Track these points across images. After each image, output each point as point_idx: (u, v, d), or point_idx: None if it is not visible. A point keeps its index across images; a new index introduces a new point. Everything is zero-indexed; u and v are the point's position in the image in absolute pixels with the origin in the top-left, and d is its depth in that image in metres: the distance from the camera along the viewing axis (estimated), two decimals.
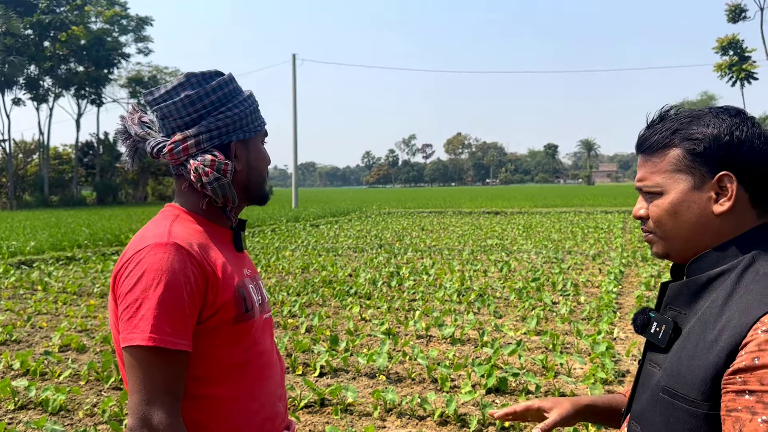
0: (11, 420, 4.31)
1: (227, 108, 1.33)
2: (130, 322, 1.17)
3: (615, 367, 5.08)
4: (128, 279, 1.19)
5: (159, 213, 1.39)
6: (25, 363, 5.35)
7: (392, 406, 4.39)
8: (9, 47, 45.86)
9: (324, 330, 6.41)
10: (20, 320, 7.26)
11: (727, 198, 1.03)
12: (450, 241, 15.63)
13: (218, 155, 1.30)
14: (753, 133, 1.04)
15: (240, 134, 1.35)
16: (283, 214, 26.58)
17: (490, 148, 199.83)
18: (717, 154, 1.04)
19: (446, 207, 32.41)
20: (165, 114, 1.33)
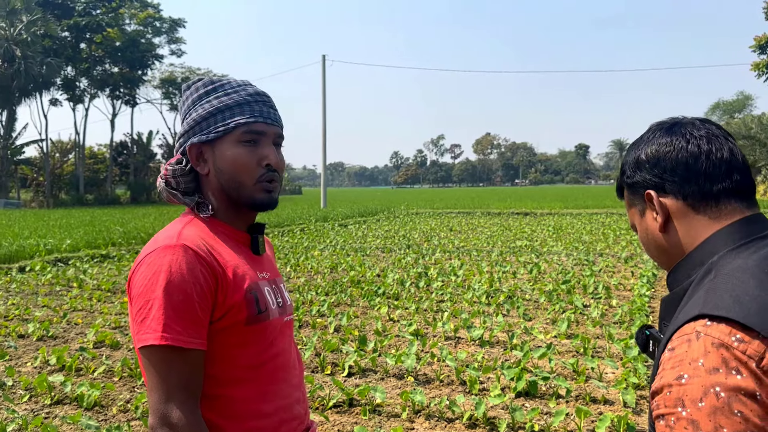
0: (48, 414, 4.41)
1: (189, 114, 1.37)
2: (143, 323, 1.19)
3: (648, 372, 5.00)
4: (139, 281, 1.22)
5: (179, 216, 1.41)
6: (61, 359, 5.48)
7: (420, 408, 4.38)
8: (47, 49, 46.99)
9: (352, 330, 6.43)
10: (56, 317, 7.43)
11: (658, 213, 1.04)
12: (479, 242, 15.54)
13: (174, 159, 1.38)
14: (659, 143, 1.05)
15: (195, 137, 1.34)
16: (312, 213, 26.74)
17: (519, 148, 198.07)
18: (636, 179, 1.07)
19: (475, 207, 32.23)
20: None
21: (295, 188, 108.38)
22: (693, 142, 1.03)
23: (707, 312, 0.87)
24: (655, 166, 1.05)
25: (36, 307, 8.08)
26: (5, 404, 4.53)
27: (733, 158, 1.03)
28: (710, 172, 1.01)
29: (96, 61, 52.80)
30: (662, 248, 1.07)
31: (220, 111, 1.33)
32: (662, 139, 1.05)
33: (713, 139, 1.03)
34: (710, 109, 62.16)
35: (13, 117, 47.68)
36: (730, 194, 1.01)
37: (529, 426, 3.99)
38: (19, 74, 43.43)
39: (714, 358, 0.82)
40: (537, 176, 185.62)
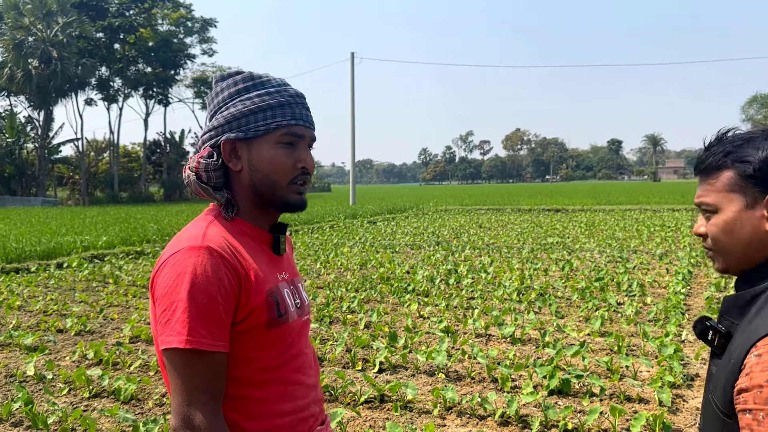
0: (86, 407, 4.51)
1: (227, 107, 1.32)
2: (167, 325, 1.18)
3: (683, 371, 4.90)
4: (163, 282, 1.21)
5: (201, 214, 1.39)
6: (99, 353, 5.60)
7: (452, 405, 4.36)
8: (82, 50, 48.03)
9: (383, 326, 6.44)
10: (93, 312, 7.59)
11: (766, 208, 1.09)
12: (509, 239, 15.43)
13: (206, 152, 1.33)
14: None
15: (233, 133, 1.30)
16: (340, 210, 26.84)
17: (550, 143, 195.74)
18: (757, 172, 1.09)
19: (504, 204, 31.98)
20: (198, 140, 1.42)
21: (324, 186, 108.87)
22: None
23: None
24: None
25: (74, 303, 8.27)
26: (46, 397, 4.65)
27: None
28: None
29: (129, 61, 53.78)
30: (755, 248, 1.11)
31: (261, 110, 1.30)
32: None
33: None
34: (747, 102, 60.71)
35: (50, 117, 48.84)
36: None
37: (563, 424, 3.95)
38: (56, 75, 44.47)
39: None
40: (568, 172, 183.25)
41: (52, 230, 17.79)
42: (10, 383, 5.07)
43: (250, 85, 1.33)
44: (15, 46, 43.94)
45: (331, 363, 5.42)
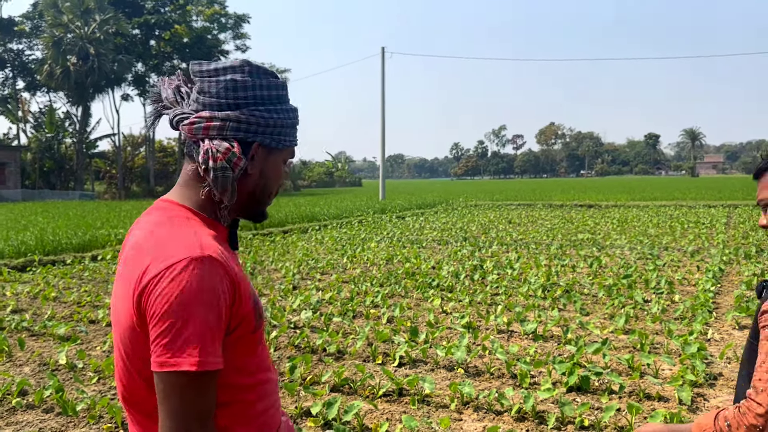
0: (113, 396, 4.65)
1: (266, 109, 1.25)
2: (171, 346, 1.07)
3: (706, 369, 4.84)
4: (162, 297, 1.08)
5: (160, 211, 1.27)
6: None
7: (469, 400, 4.39)
8: (118, 47, 49.01)
9: (404, 321, 6.48)
10: None
11: None
12: (538, 235, 15.31)
13: (236, 146, 1.22)
14: None
15: (267, 139, 1.26)
16: (370, 205, 26.93)
17: (585, 138, 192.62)
18: None
19: (536, 200, 31.68)
20: (202, 88, 1.25)
21: (355, 180, 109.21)
22: None
23: None
24: None
25: (106, 295, 8.50)
26: (75, 385, 4.81)
27: None
28: None
29: (165, 57, 54.69)
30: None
31: (292, 126, 1.30)
32: None
33: None
34: None
35: (88, 112, 50.00)
36: None
37: (579, 421, 3.94)
38: (93, 71, 45.50)
39: None
40: (604, 167, 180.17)
41: (88, 223, 18.27)
42: (43, 371, 5.26)
43: (284, 95, 1.30)
44: (54, 44, 45.08)
45: (351, 356, 5.49)
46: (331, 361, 5.29)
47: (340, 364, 5.25)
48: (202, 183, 1.25)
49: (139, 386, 1.20)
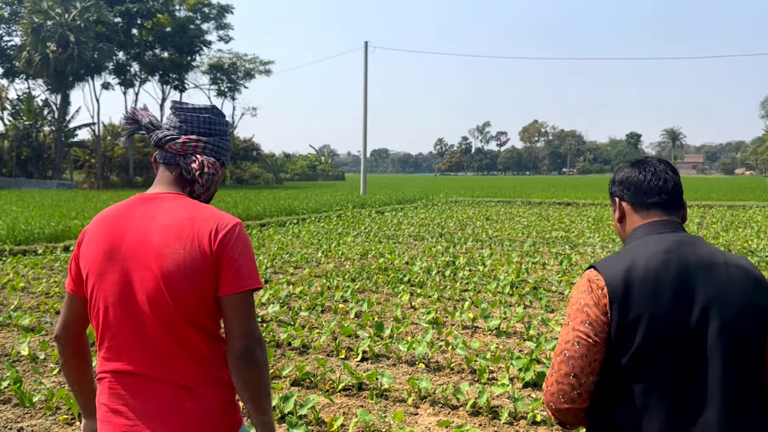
0: None
1: (224, 139, 1.80)
2: (242, 271, 1.58)
3: None
4: (237, 243, 1.60)
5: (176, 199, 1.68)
6: (92, 335, 5.72)
7: (426, 394, 4.45)
8: (99, 35, 48.32)
9: (371, 316, 6.53)
10: None
11: (617, 210, 1.78)
12: (513, 232, 15.44)
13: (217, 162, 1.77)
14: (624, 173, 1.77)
15: (224, 158, 1.81)
16: (350, 200, 26.93)
17: (567, 136, 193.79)
18: (611, 190, 1.82)
19: (515, 197, 31.90)
20: (186, 119, 1.74)
21: (339, 174, 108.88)
22: (642, 173, 1.73)
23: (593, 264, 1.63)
24: (621, 184, 1.77)
25: None
26: (35, 377, 4.80)
27: (665, 185, 1.70)
28: (647, 192, 1.71)
29: (146, 46, 54.07)
30: (619, 231, 1.79)
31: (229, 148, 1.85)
32: (627, 170, 1.78)
33: (656, 173, 1.72)
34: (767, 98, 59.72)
35: (67, 101, 49.31)
36: (656, 206, 1.70)
37: (531, 416, 4.03)
38: (73, 59, 44.84)
39: (583, 282, 1.60)
40: (585, 165, 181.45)
41: (63, 213, 18.07)
42: (3, 362, 5.24)
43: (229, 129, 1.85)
44: (33, 30, 44.35)
45: (315, 351, 5.53)
46: (294, 356, 5.33)
47: (303, 358, 5.29)
48: (184, 183, 1.72)
49: (202, 313, 1.60)
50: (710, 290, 1.50)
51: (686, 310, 1.49)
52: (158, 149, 1.74)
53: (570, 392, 1.53)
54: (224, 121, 1.80)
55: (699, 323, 1.48)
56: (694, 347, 1.47)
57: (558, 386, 1.55)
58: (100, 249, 1.62)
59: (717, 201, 28.01)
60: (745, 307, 1.50)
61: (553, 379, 1.56)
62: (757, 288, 1.53)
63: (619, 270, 1.53)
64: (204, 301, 1.58)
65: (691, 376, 1.48)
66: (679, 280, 1.51)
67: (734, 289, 1.51)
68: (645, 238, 1.62)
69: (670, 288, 1.50)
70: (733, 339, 1.48)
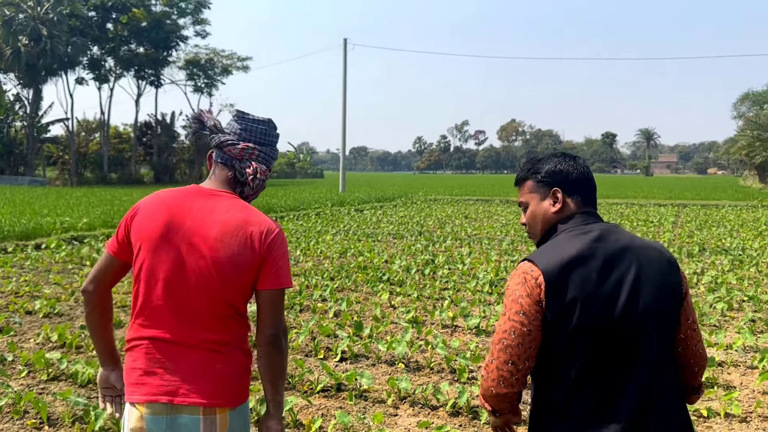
0: (42, 390, 4.51)
1: (274, 149, 2.02)
2: (281, 272, 1.85)
3: None
4: (281, 248, 1.86)
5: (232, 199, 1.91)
6: (63, 336, 5.59)
7: (406, 395, 4.40)
8: (73, 29, 47.49)
9: (350, 316, 6.46)
10: (65, 294, 7.58)
11: (559, 202, 1.81)
12: (492, 230, 15.47)
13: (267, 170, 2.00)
14: (568, 165, 1.84)
15: (270, 166, 2.03)
16: (329, 198, 26.80)
17: (544, 135, 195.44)
18: (549, 180, 1.84)
19: (494, 195, 32.03)
20: (246, 128, 1.95)
21: (317, 172, 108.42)
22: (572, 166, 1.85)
23: (528, 257, 1.71)
24: (557, 175, 1.84)
25: (46, 285, 8.24)
26: (2, 379, 4.64)
27: (590, 179, 1.85)
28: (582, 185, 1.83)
29: (122, 41, 53.25)
30: (546, 220, 1.84)
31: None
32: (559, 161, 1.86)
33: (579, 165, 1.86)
34: (739, 99, 60.74)
35: (40, 96, 48.42)
36: (583, 199, 1.82)
37: None
38: (45, 53, 44.03)
39: (518, 274, 1.68)
40: None
41: (34, 211, 17.69)
42: None
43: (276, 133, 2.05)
44: (4, 23, 43.43)
45: (293, 351, 5.44)
46: None
47: None
48: (236, 184, 1.95)
49: (239, 297, 1.85)
50: (633, 272, 1.65)
51: (615, 292, 1.62)
52: (217, 150, 1.95)
53: (509, 378, 1.64)
54: (276, 133, 2.03)
55: (627, 304, 1.61)
56: (624, 325, 1.61)
57: (498, 372, 1.65)
58: (157, 227, 1.83)
59: (691, 200, 28.40)
60: (663, 285, 1.67)
61: (494, 366, 1.66)
62: (670, 268, 1.71)
63: (553, 261, 1.64)
64: (244, 289, 1.85)
65: (621, 351, 1.61)
66: (607, 265, 1.65)
67: (653, 270, 1.67)
68: (575, 229, 1.74)
69: (599, 273, 1.63)
70: (656, 315, 1.64)
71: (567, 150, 20.25)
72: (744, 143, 45.95)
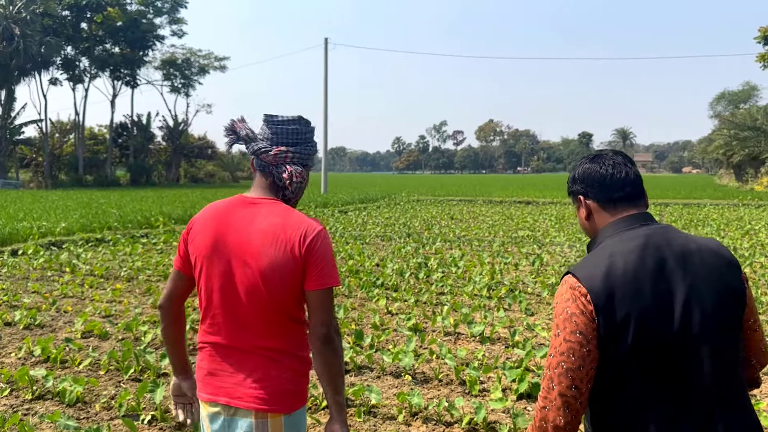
0: (27, 411, 4.21)
1: (308, 146, 1.99)
2: (325, 271, 1.85)
3: None
4: (322, 247, 1.85)
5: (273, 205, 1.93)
6: (46, 350, 5.28)
7: (418, 410, 4.17)
8: (46, 28, 46.45)
9: (349, 324, 6.22)
10: (45, 304, 7.23)
11: (584, 208, 1.73)
12: (480, 232, 15.32)
13: (304, 170, 1.98)
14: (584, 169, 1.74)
15: (309, 163, 2.00)
16: (311, 199, 26.48)
17: (522, 135, 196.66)
18: (572, 189, 1.78)
19: (476, 195, 31.96)
20: (277, 132, 1.95)
21: None
22: (603, 167, 1.70)
23: (570, 270, 1.59)
24: (583, 182, 1.73)
25: (25, 293, 7.88)
26: None
27: (627, 177, 1.68)
28: (611, 186, 1.68)
29: (97, 40, 52.24)
30: (586, 229, 1.76)
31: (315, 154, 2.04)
32: (587, 165, 1.74)
33: (616, 165, 1.70)
34: (715, 98, 61.69)
35: (12, 96, 47.25)
36: (622, 200, 1.67)
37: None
38: (18, 53, 42.97)
39: (565, 290, 1.56)
40: (539, 164, 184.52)
41: (9, 215, 17.13)
42: None
43: (313, 134, 2.03)
44: None
45: None
46: None
47: None
48: (277, 189, 1.96)
49: (290, 302, 1.88)
50: (688, 280, 1.51)
51: (669, 304, 1.49)
52: (255, 157, 1.97)
53: (574, 404, 1.51)
54: (309, 129, 2.00)
55: (683, 315, 1.49)
56: (682, 340, 1.49)
57: (562, 399, 1.51)
58: (208, 241, 1.92)
59: (672, 199, 28.60)
60: (723, 291, 1.53)
61: (555, 393, 1.51)
62: (729, 270, 1.56)
63: (598, 274, 1.52)
64: (293, 294, 1.87)
65: (682, 368, 1.49)
66: (658, 274, 1.51)
67: (711, 276, 1.53)
68: (618, 236, 1.61)
69: (651, 286, 1.50)
70: (716, 325, 1.50)
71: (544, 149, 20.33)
72: (721, 142, 46.46)
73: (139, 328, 5.97)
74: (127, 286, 8.39)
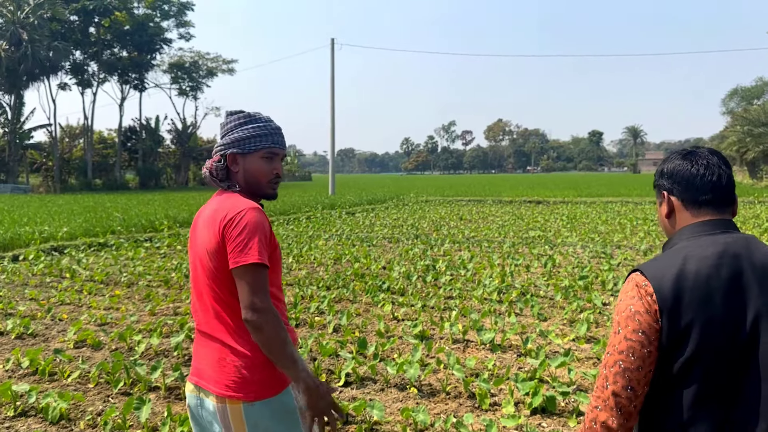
0: (8, 429, 3.96)
1: (233, 132, 2.04)
2: (240, 248, 1.82)
3: None
4: (240, 224, 1.85)
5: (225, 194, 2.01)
6: (35, 361, 5.04)
7: (423, 428, 3.88)
8: (54, 33, 46.57)
9: (352, 331, 5.94)
10: (41, 311, 7.00)
11: (666, 204, 1.63)
12: (489, 232, 14.99)
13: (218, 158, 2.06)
14: (674, 164, 1.63)
15: (235, 149, 2.02)
16: (319, 201, 26.24)
17: (531, 134, 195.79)
18: (658, 183, 1.68)
19: (486, 195, 31.59)
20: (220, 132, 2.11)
21: (305, 174, 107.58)
22: (695, 166, 1.59)
23: (639, 267, 1.55)
24: (670, 177, 1.63)
25: (22, 300, 7.66)
26: None
27: (718, 181, 1.57)
28: (699, 188, 1.57)
29: (105, 45, 52.38)
30: (665, 227, 1.66)
31: (253, 137, 2.02)
32: (677, 161, 1.63)
33: (709, 166, 1.58)
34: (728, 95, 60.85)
35: (21, 101, 47.43)
36: (708, 203, 1.57)
37: None
38: (26, 58, 43.10)
39: (631, 287, 1.52)
40: (549, 163, 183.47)
41: (14, 220, 17.00)
42: None
43: (247, 120, 2.05)
44: None
45: None
46: None
47: None
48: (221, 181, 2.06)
49: (225, 286, 1.90)
50: (764, 297, 1.41)
51: (739, 319, 1.41)
52: None
53: (628, 406, 1.44)
54: (228, 120, 2.07)
55: (751, 333, 1.40)
56: (745, 358, 1.40)
57: (616, 400, 1.44)
58: (191, 236, 2.08)
59: None
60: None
61: (609, 393, 1.45)
62: None
63: (668, 275, 1.45)
64: (227, 278, 1.89)
65: (740, 386, 1.41)
66: (731, 287, 1.43)
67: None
68: (695, 239, 1.52)
69: (722, 296, 1.42)
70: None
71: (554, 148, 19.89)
72: (734, 139, 45.74)
73: (133, 338, 5.72)
74: (127, 292, 8.15)
